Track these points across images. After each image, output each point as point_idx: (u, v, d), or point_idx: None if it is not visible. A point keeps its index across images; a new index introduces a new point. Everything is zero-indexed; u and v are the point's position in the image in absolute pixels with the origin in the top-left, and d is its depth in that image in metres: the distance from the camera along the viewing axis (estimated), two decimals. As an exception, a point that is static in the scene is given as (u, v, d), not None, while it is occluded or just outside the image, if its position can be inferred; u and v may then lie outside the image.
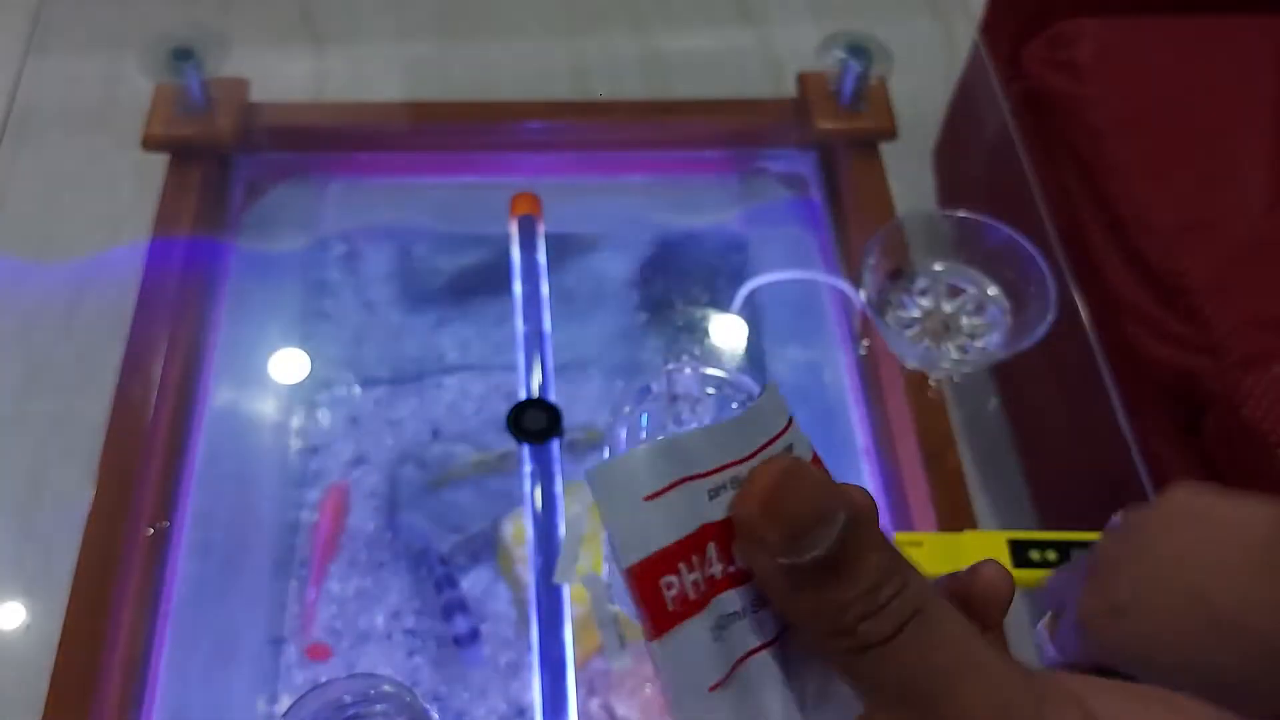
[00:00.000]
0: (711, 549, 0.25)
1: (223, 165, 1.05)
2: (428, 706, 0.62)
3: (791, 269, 1.06)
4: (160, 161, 1.02)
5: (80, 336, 1.11)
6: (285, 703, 0.85)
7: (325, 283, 1.08)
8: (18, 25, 1.19)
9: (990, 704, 0.24)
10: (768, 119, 1.10)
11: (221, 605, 0.90)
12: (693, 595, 0.25)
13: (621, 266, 1.09)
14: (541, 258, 0.99)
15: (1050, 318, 0.81)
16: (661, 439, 0.25)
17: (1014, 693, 0.25)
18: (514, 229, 1.00)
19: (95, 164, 1.32)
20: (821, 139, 1.06)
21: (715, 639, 0.25)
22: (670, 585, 0.25)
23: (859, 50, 1.01)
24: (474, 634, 0.87)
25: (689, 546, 0.25)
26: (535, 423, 0.86)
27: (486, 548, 0.92)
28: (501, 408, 0.91)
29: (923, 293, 0.88)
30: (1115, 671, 0.48)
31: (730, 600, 0.26)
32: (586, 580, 0.80)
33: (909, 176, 1.33)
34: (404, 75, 1.45)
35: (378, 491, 0.95)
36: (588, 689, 0.84)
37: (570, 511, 0.84)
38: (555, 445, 0.87)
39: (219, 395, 0.96)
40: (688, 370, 0.58)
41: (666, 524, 0.25)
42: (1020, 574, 0.70)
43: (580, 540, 0.81)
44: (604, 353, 1.04)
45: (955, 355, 0.85)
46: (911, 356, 0.87)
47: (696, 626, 0.25)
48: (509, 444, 0.91)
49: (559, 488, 0.85)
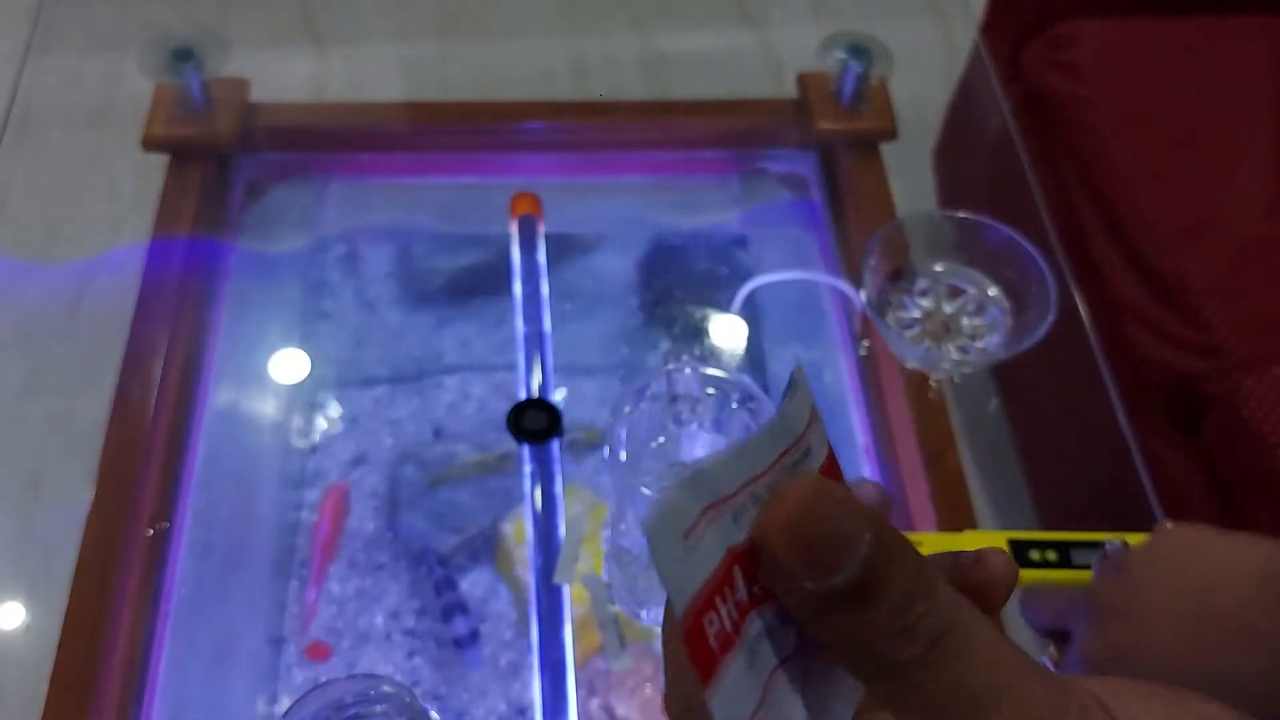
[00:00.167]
0: (738, 573, 0.25)
1: (223, 165, 1.05)
2: (427, 707, 0.62)
3: (792, 269, 1.06)
4: (160, 161, 1.02)
5: (80, 336, 1.11)
6: (285, 703, 0.85)
7: (325, 283, 1.08)
8: (18, 25, 1.20)
9: None
10: (768, 119, 1.10)
11: (221, 605, 0.90)
12: (728, 627, 0.24)
13: (621, 267, 1.09)
14: (542, 258, 0.99)
15: (1050, 318, 0.80)
16: (690, 469, 0.24)
17: (1047, 711, 0.25)
18: (514, 229, 1.00)
19: (95, 164, 1.32)
20: (822, 139, 1.06)
21: (749, 666, 0.25)
22: (712, 623, 0.24)
23: (859, 50, 1.01)
24: (474, 635, 0.87)
25: (721, 579, 0.24)
26: (535, 423, 0.86)
27: (486, 548, 0.92)
28: (501, 408, 0.91)
29: (923, 293, 0.88)
30: None
31: (755, 622, 0.25)
32: (586, 580, 0.80)
33: (909, 177, 1.33)
34: (404, 75, 1.45)
35: (377, 492, 0.95)
36: (588, 689, 0.84)
37: (570, 511, 0.84)
38: (555, 445, 0.87)
39: (219, 395, 0.96)
40: (688, 370, 0.57)
41: (702, 560, 0.24)
42: (1020, 574, 0.70)
43: (580, 540, 0.81)
44: (604, 353, 1.04)
45: (955, 356, 0.85)
46: (912, 357, 0.87)
47: (737, 661, 0.24)
48: (509, 444, 0.91)
49: (559, 488, 0.85)
